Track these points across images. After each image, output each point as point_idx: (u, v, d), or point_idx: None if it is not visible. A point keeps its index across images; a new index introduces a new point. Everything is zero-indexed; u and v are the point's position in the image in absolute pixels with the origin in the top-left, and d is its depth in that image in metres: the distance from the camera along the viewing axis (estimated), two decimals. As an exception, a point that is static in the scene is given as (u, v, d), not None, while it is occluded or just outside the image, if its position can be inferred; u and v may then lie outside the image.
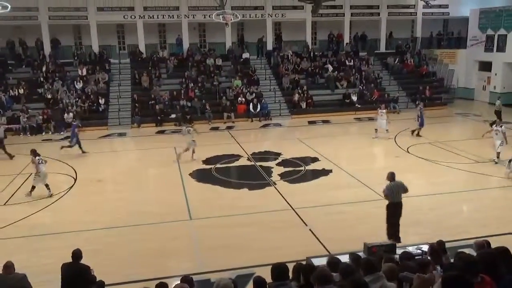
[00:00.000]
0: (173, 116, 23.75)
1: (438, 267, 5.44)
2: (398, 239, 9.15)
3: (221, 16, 22.33)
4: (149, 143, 19.91)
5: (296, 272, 5.25)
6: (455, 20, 31.94)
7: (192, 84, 25.70)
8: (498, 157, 15.24)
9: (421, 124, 19.20)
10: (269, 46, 29.30)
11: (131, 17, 27.38)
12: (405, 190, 9.49)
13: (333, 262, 5.51)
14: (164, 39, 29.97)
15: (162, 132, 21.64)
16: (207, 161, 16.37)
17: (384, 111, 19.61)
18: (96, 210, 12.02)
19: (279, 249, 9.24)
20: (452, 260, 5.10)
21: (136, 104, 24.11)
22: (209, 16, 25.25)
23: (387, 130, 19.33)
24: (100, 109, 23.92)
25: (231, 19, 22.89)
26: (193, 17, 28.06)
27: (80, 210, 12.08)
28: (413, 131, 19.44)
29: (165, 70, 27.10)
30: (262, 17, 28.89)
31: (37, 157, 12.81)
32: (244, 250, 9.42)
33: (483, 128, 21.38)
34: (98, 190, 13.42)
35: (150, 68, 26.64)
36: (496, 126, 15.63)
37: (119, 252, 9.52)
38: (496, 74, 27.67)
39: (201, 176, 14.85)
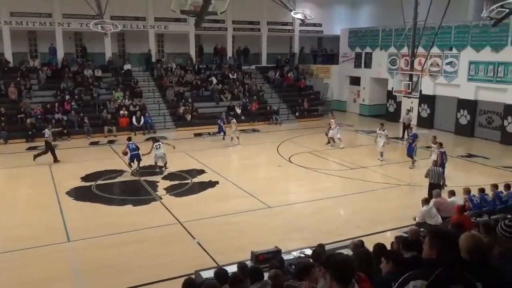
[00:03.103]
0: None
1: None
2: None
3: (99, 25, 21.21)
4: (19, 161, 18.06)
5: None
6: (328, 38, 34.59)
7: (68, 96, 24.06)
8: (381, 156, 17.55)
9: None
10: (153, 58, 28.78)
11: (-5, 23, 24.83)
12: (443, 179, 12.63)
13: (221, 273, 5.51)
14: (35, 47, 27.67)
15: (34, 148, 19.78)
16: (86, 178, 15.37)
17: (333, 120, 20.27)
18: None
19: (167, 264, 9.03)
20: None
21: (2, 118, 21.81)
22: (86, 25, 23.86)
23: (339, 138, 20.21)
24: (-43, 124, 21.18)
25: (111, 29, 21.86)
26: (68, 25, 26.36)
27: None
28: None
29: (36, 81, 24.98)
30: (144, 28, 28.25)
31: (154, 143, 16.00)
32: (131, 269, 8.98)
33: (355, 137, 23.46)
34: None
35: (18, 78, 24.35)
36: (379, 130, 17.71)
37: (-17, 284, 8.44)
38: (364, 88, 30.47)
39: (79, 194, 13.87)
